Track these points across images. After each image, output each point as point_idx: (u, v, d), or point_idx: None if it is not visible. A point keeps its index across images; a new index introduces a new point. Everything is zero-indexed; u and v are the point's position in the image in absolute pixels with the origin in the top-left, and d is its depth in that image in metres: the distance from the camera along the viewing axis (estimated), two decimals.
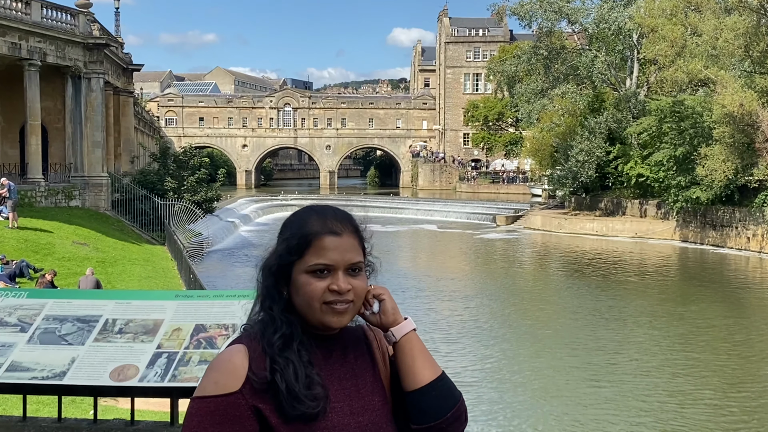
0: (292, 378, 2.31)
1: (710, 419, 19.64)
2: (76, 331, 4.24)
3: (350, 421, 2.39)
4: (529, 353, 27.41)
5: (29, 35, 37.24)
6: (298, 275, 2.41)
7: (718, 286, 40.50)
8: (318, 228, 2.43)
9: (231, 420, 2.29)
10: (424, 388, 2.49)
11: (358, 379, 2.51)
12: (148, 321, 4.28)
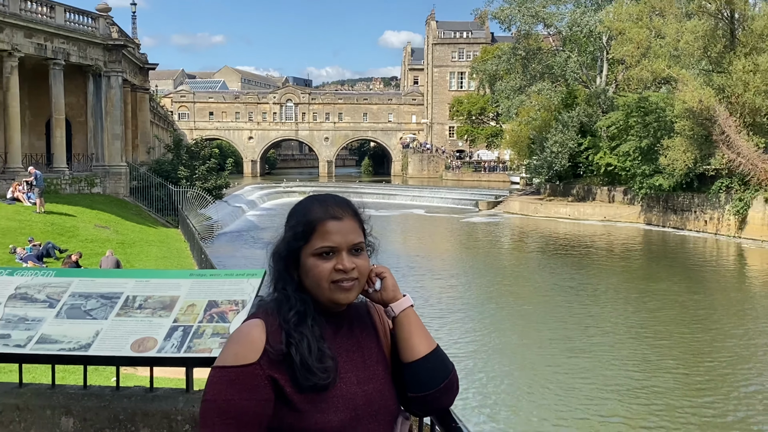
0: (305, 351, 2.33)
1: (677, 386, 19.79)
2: (99, 307, 4.24)
3: (357, 390, 2.41)
4: (510, 327, 27.52)
5: (54, 37, 37.19)
6: (306, 259, 2.42)
7: (680, 265, 40.69)
8: (321, 214, 2.44)
9: (249, 388, 2.29)
10: (420, 361, 2.51)
11: (364, 351, 2.53)
12: (165, 297, 4.27)
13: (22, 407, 4.34)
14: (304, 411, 2.32)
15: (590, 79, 63.98)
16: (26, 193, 31.94)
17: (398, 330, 2.54)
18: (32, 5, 37.02)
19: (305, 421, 2.31)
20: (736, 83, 46.34)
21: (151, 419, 4.23)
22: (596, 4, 63.02)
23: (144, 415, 4.24)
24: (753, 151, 45.48)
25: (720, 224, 47.84)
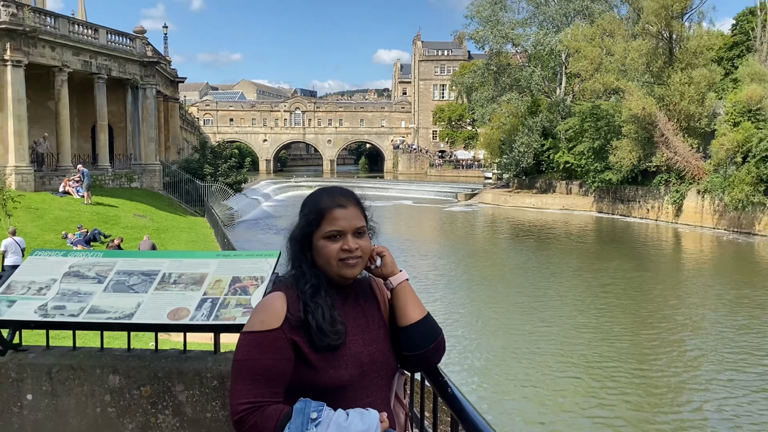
0: (320, 317, 2.34)
1: (626, 347, 19.85)
2: (140, 282, 4.20)
3: (363, 350, 2.43)
4: (484, 298, 27.47)
5: (98, 55, 36.98)
6: (317, 241, 2.43)
7: (627, 246, 40.75)
8: (329, 203, 2.45)
9: (273, 349, 2.31)
10: (414, 325, 2.52)
11: (368, 318, 2.53)
12: (196, 274, 4.23)
13: (75, 367, 4.31)
14: (319, 368, 2.33)
15: (551, 90, 63.93)
16: (75, 188, 31.81)
17: (395, 299, 2.55)
18: (79, 28, 36.85)
19: (321, 376, 2.33)
20: (674, 93, 46.39)
21: (184, 377, 4.21)
22: (556, 26, 62.91)
23: (179, 373, 4.22)
24: (688, 151, 45.61)
25: (660, 212, 47.98)
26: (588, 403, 15.49)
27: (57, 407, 4.27)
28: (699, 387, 17.03)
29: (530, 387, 16.63)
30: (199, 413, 4.17)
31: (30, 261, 4.50)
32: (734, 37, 60.07)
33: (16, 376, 4.31)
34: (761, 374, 17.44)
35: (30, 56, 31.59)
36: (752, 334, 21.11)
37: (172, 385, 4.19)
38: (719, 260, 36.55)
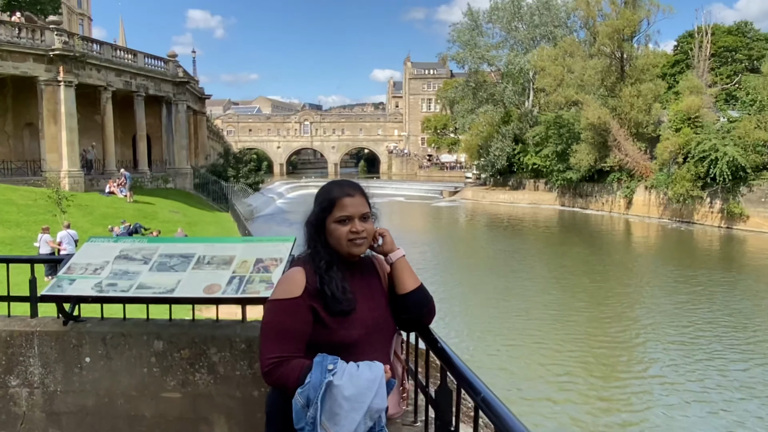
0: (334, 288, 2.38)
1: (586, 320, 19.84)
2: (179, 263, 4.19)
3: (368, 315, 2.45)
4: (465, 278, 27.51)
5: (137, 75, 36.83)
6: (329, 225, 2.44)
7: (585, 234, 40.72)
8: (339, 193, 2.47)
9: (295, 313, 2.34)
10: (410, 293, 2.55)
11: (372, 288, 2.55)
12: (226, 256, 4.21)
13: (125, 334, 4.34)
14: (333, 329, 2.36)
15: (521, 103, 63.80)
16: (119, 188, 31.72)
17: (394, 272, 2.58)
18: (120, 53, 36.72)
19: (334, 335, 2.36)
20: (625, 104, 46.25)
21: (217, 341, 4.25)
22: (525, 48, 62.59)
23: (212, 338, 4.25)
24: (637, 153, 45.57)
25: (613, 205, 47.84)
26: (553, 366, 15.46)
27: (111, 368, 4.30)
28: (646, 350, 17.15)
29: (502, 354, 16.59)
30: (229, 371, 4.21)
31: (86, 246, 4.51)
32: (676, 56, 60.12)
33: (77, 342, 4.34)
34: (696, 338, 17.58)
35: (79, 77, 31.43)
36: (692, 308, 21.17)
37: (207, 349, 4.22)
38: (663, 245, 36.63)
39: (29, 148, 32.67)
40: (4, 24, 29.34)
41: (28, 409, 4.38)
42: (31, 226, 23.16)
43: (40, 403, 4.37)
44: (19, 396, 4.39)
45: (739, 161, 36.73)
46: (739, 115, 40.37)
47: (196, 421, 4.22)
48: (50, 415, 4.37)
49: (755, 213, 37.43)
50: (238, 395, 4.17)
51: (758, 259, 31.28)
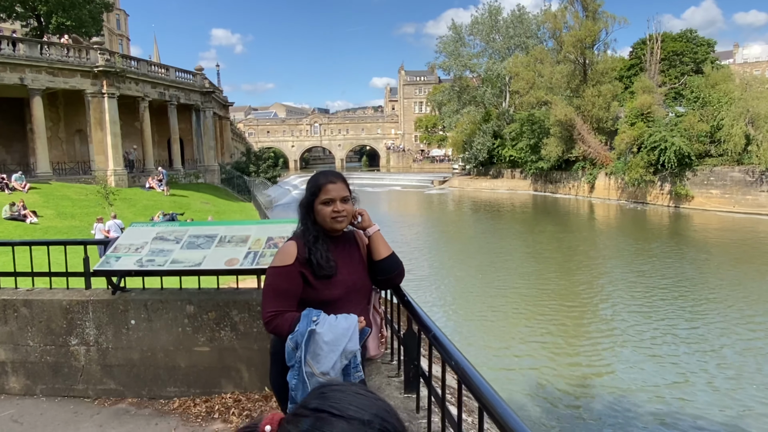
0: (319, 257, 2.52)
1: (557, 288, 19.86)
2: (205, 242, 4.36)
3: (348, 278, 2.58)
4: (452, 254, 27.46)
5: (170, 87, 36.70)
6: (317, 206, 2.58)
7: (555, 215, 40.42)
8: (324, 180, 2.60)
9: (288, 277, 2.50)
10: (383, 259, 2.69)
11: (352, 257, 2.68)
12: (243, 236, 4.38)
13: (163, 300, 4.55)
14: (318, 289, 2.51)
15: (499, 104, 63.41)
16: (157, 183, 31.78)
17: (371, 243, 2.72)
18: (155, 68, 36.53)
19: (319, 294, 2.51)
20: (587, 103, 45.92)
21: (238, 305, 4.46)
22: (502, 57, 62.05)
23: (234, 302, 4.47)
24: (598, 144, 45.42)
25: (578, 190, 47.66)
26: (529, 327, 15.50)
27: (152, 328, 4.52)
28: (610, 313, 17.28)
29: (484, 320, 16.60)
30: (248, 329, 4.42)
31: (128, 230, 4.71)
32: (631, 61, 59.44)
33: (123, 308, 4.56)
34: (653, 302, 17.77)
35: (120, 90, 31.36)
36: (647, 276, 21.27)
37: (229, 311, 4.44)
38: (622, 223, 36.55)
39: (79, 151, 32.69)
40: (55, 45, 29.26)
41: (86, 363, 4.61)
42: (84, 218, 23.30)
43: (96, 358, 4.59)
44: (78, 353, 4.61)
45: (684, 150, 36.69)
46: (685, 111, 40.19)
47: (222, 369, 4.45)
48: (104, 367, 4.59)
49: (699, 194, 37.47)
50: (255, 348, 4.39)
51: (701, 232, 31.37)
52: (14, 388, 4.69)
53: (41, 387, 4.66)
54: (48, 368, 4.64)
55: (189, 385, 4.46)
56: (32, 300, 4.62)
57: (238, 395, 4.36)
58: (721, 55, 74.57)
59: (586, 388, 11.69)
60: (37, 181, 27.36)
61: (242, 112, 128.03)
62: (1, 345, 4.65)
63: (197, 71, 41.21)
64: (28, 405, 4.53)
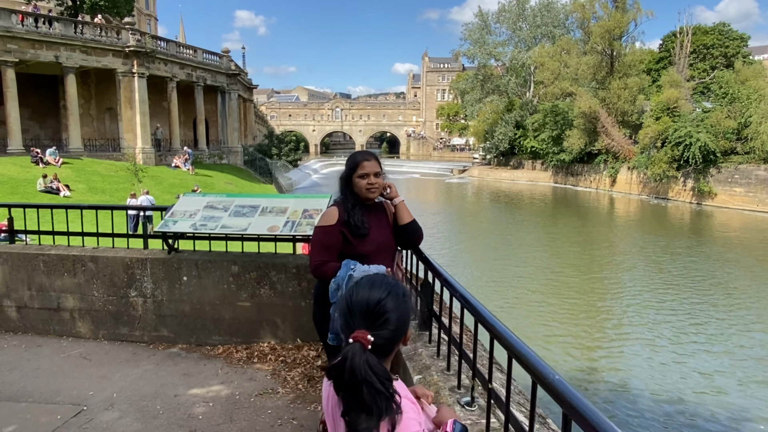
0: (356, 220, 3.03)
1: (575, 277, 20.27)
2: (249, 211, 4.96)
3: (378, 238, 3.09)
4: (470, 240, 28.04)
5: (197, 69, 37.48)
6: (354, 179, 3.07)
7: (575, 207, 40.54)
8: (360, 158, 3.11)
9: (332, 235, 3.02)
10: (406, 224, 3.21)
11: (381, 221, 3.18)
12: (282, 207, 4.94)
13: (211, 261, 5.23)
14: (354, 245, 3.03)
15: (522, 93, 63.23)
16: (183, 163, 32.66)
17: (397, 211, 3.23)
18: (183, 49, 37.31)
19: (355, 249, 3.03)
20: (613, 96, 45.70)
21: (276, 266, 5.11)
22: (527, 46, 61.82)
23: (273, 264, 5.12)
24: (622, 138, 45.21)
25: (600, 183, 47.50)
26: (547, 314, 15.97)
27: (201, 284, 5.22)
28: (623, 303, 17.72)
29: (503, 302, 17.00)
30: (284, 288, 5.09)
31: (182, 199, 5.37)
32: (661, 54, 58.85)
33: (177, 266, 5.26)
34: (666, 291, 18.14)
35: (150, 70, 32.24)
36: (663, 266, 21.64)
37: (269, 272, 5.10)
38: (642, 218, 36.47)
39: (109, 129, 33.75)
40: (89, 25, 30.18)
41: (143, 313, 5.33)
42: (114, 193, 24.30)
43: (152, 308, 5.31)
44: (136, 303, 5.34)
45: (710, 146, 36.44)
46: (712, 106, 39.82)
47: (261, 322, 5.13)
48: (158, 317, 5.31)
49: (722, 191, 37.24)
50: (290, 304, 5.06)
51: (723, 230, 31.29)
52: (81, 332, 5.44)
53: (103, 332, 5.41)
54: (110, 316, 5.37)
55: (232, 334, 5.15)
56: (98, 256, 5.34)
57: (274, 344, 5.04)
58: (756, 50, 72.96)
59: (599, 378, 12.06)
60: (69, 157, 28.45)
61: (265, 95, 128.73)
62: (71, 294, 5.40)
63: (224, 53, 41.84)
64: (93, 346, 5.28)
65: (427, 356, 2.93)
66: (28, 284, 5.48)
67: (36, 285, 5.46)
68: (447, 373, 2.57)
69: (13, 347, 5.26)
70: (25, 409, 4.04)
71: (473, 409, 2.24)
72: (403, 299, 1.54)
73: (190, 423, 3.82)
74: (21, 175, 24.49)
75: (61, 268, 5.39)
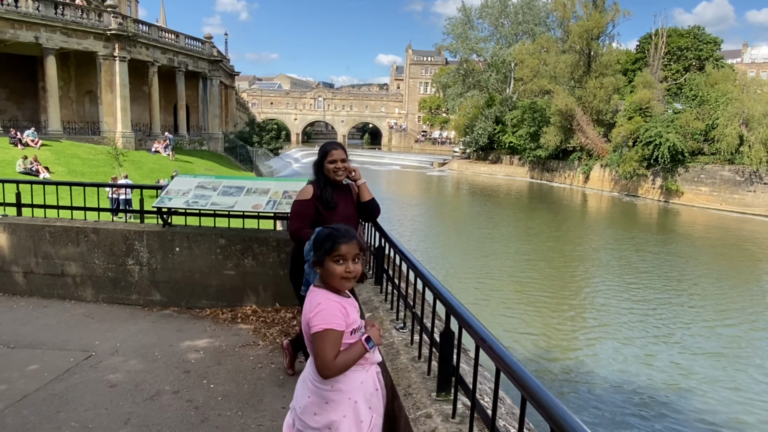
0: (327, 196, 3.75)
1: (548, 267, 21.20)
2: (236, 191, 5.68)
3: (344, 211, 3.79)
4: (448, 232, 28.67)
5: (179, 54, 37.47)
6: (325, 164, 3.79)
7: (550, 202, 41.31)
8: (329, 148, 3.82)
9: (307, 207, 3.73)
10: (366, 202, 3.96)
11: (347, 199, 3.90)
12: (265, 188, 5.68)
13: (201, 234, 5.95)
14: (325, 216, 3.74)
15: (502, 89, 63.96)
16: (163, 148, 32.82)
17: (360, 191, 3.98)
18: (165, 34, 37.29)
19: (326, 220, 3.70)
20: (589, 95, 46.67)
21: (259, 240, 5.84)
22: (509, 42, 62.74)
23: (255, 238, 5.86)
24: (596, 136, 46.30)
25: (574, 179, 48.57)
26: (521, 300, 16.88)
27: (191, 254, 5.95)
28: (590, 291, 18.76)
29: (480, 291, 17.79)
30: (266, 259, 5.84)
31: (176, 179, 6.09)
32: (637, 54, 60.24)
33: (170, 238, 5.98)
34: (633, 283, 19.25)
35: (131, 54, 32.27)
36: (629, 260, 22.74)
37: (252, 244, 5.85)
38: (612, 213, 37.52)
39: (89, 112, 33.76)
40: (70, 6, 30.13)
41: (139, 279, 6.05)
42: (93, 176, 24.45)
43: (147, 275, 6.03)
44: (133, 271, 6.05)
45: (678, 146, 37.89)
46: (682, 108, 41.30)
47: (244, 288, 5.89)
48: (153, 283, 6.04)
49: (689, 190, 38.82)
50: (270, 273, 5.82)
51: (687, 227, 32.69)
52: (82, 296, 6.14)
53: (103, 296, 6.11)
54: (109, 281, 6.08)
55: (218, 299, 5.90)
56: (99, 228, 6.03)
57: (256, 308, 5.81)
58: (730, 54, 75.30)
59: (557, 364, 12.89)
60: (48, 139, 28.52)
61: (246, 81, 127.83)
62: (75, 262, 6.09)
63: (206, 39, 41.77)
64: (94, 307, 5.99)
65: (378, 302, 3.75)
66: (35, 252, 6.15)
67: (42, 253, 6.13)
68: (390, 312, 3.39)
69: (21, 307, 5.94)
70: (42, 354, 4.76)
71: (405, 330, 3.06)
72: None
73: (184, 365, 4.59)
74: (0, 156, 24.60)
75: (66, 238, 6.07)
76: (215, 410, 3.84)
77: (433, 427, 2.04)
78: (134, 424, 3.65)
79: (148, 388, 4.15)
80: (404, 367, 2.56)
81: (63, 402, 3.93)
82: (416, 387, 2.35)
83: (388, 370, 2.59)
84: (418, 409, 2.19)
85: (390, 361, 2.67)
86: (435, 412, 2.14)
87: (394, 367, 2.59)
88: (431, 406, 2.18)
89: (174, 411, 3.83)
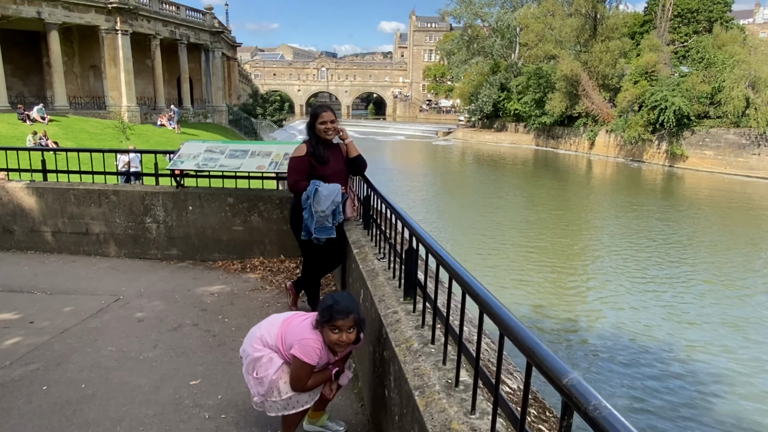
0: (319, 152, 4.30)
1: (553, 233, 21.66)
2: (241, 154, 6.26)
3: (334, 165, 4.35)
4: (453, 200, 29.02)
5: (180, 26, 37.62)
6: (316, 125, 4.31)
7: (555, 169, 41.53)
8: (320, 111, 4.34)
9: (302, 162, 4.27)
10: (354, 158, 4.51)
11: (337, 155, 4.45)
12: (268, 150, 6.24)
13: (211, 193, 6.58)
14: (318, 170, 4.31)
15: (507, 55, 63.52)
16: (169, 121, 33.32)
17: (348, 148, 4.53)
18: (166, 6, 37.37)
19: (319, 172, 4.30)
20: (595, 59, 46.53)
21: (263, 198, 6.47)
22: (513, 6, 62.01)
23: (261, 197, 6.48)
24: (601, 101, 46.31)
25: (579, 146, 48.77)
26: (527, 268, 17.27)
27: (203, 212, 6.60)
28: (596, 254, 19.31)
29: (486, 256, 18.30)
30: (270, 215, 6.48)
31: (186, 144, 6.69)
32: (646, 17, 59.40)
33: (183, 198, 6.62)
34: (639, 250, 19.80)
35: (133, 27, 32.54)
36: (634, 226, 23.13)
37: (258, 202, 6.48)
38: (618, 179, 37.51)
39: (94, 86, 34.23)
40: None
41: (157, 236, 6.73)
42: None
43: (163, 232, 6.70)
44: (151, 228, 6.73)
45: (684, 110, 37.90)
46: (689, 71, 41.10)
47: (252, 242, 6.55)
48: (169, 239, 6.71)
49: (693, 154, 38.95)
50: (274, 228, 6.47)
51: (691, 191, 32.92)
52: (106, 252, 6.84)
53: (124, 251, 6.80)
54: (129, 238, 6.76)
55: (229, 252, 6.57)
56: (119, 190, 6.69)
57: (263, 259, 6.48)
58: (741, 15, 73.96)
59: (571, 326, 13.41)
60: (55, 114, 29.13)
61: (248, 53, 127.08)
62: (98, 221, 6.77)
63: (207, 10, 41.84)
64: (117, 261, 6.69)
65: (365, 241, 4.38)
66: (62, 213, 6.83)
67: (68, 214, 6.81)
68: (374, 248, 4.02)
69: (53, 263, 6.65)
70: (76, 298, 5.48)
71: (384, 260, 3.71)
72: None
73: (202, 305, 5.28)
74: (9, 132, 25.25)
75: (89, 200, 6.73)
76: (230, 337, 4.53)
77: (398, 318, 2.68)
78: (162, 348, 4.35)
79: (171, 322, 4.85)
80: (381, 284, 3.20)
81: (99, 333, 4.64)
82: (388, 296, 3.00)
83: (369, 288, 3.23)
84: (389, 308, 2.84)
85: (371, 281, 3.31)
86: (401, 310, 2.78)
87: (374, 284, 3.24)
88: (398, 306, 2.82)
89: (195, 338, 4.53)
